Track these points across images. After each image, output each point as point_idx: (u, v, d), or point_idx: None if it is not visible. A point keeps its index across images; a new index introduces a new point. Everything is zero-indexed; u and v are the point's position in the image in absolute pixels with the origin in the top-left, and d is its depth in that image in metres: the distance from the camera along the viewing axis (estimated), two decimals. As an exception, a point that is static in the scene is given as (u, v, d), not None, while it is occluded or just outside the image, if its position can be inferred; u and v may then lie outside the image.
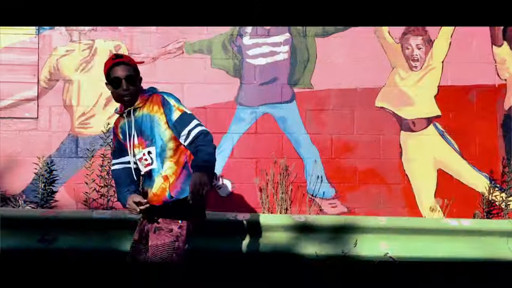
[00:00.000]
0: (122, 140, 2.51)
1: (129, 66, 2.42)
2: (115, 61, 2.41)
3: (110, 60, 2.44)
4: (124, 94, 2.40)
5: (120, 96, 2.42)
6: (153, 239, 2.38)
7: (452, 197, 4.14)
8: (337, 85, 4.22)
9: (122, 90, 2.39)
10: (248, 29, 4.23)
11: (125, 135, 2.48)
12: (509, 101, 4.28)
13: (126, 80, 2.38)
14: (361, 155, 4.18)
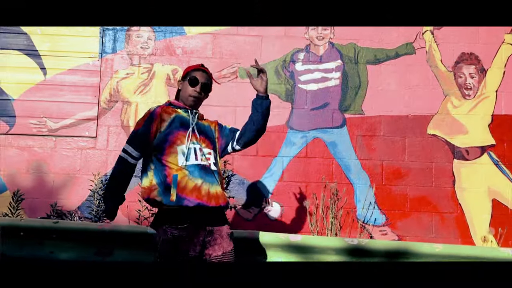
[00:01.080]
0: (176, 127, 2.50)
1: (208, 77, 2.66)
2: (201, 67, 2.66)
3: (197, 65, 2.68)
4: (193, 94, 2.56)
5: (187, 95, 2.58)
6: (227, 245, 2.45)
7: (505, 228, 4.03)
8: (388, 112, 4.23)
9: (193, 90, 2.56)
10: (300, 55, 4.33)
11: (186, 126, 2.52)
12: None
13: (202, 85, 2.59)
14: (412, 182, 4.14)
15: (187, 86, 2.58)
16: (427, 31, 4.35)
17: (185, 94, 2.59)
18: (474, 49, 4.29)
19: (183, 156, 2.43)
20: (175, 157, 2.43)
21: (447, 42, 4.31)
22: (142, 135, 2.49)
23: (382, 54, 4.33)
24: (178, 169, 2.40)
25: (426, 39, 4.34)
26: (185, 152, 2.43)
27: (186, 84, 2.59)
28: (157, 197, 2.40)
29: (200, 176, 2.42)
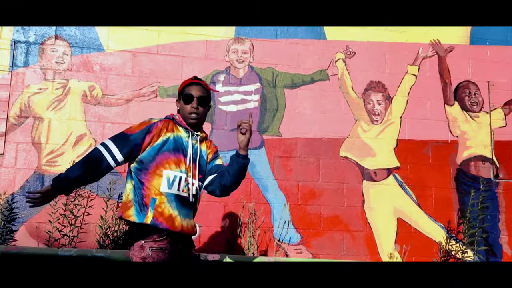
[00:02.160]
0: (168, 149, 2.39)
1: (204, 89, 2.52)
2: (193, 81, 2.53)
3: (189, 80, 2.55)
4: (191, 111, 2.46)
5: (186, 113, 2.47)
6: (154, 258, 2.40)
7: (409, 244, 4.33)
8: (304, 134, 4.42)
9: (191, 107, 2.46)
10: (221, 77, 4.42)
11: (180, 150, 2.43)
12: (461, 156, 4.61)
13: (198, 99, 2.46)
14: (326, 202, 4.33)
15: (183, 105, 2.49)
16: (339, 59, 4.62)
17: (184, 113, 2.48)
18: (382, 77, 4.63)
19: (166, 182, 2.35)
20: (158, 180, 2.35)
21: (358, 71, 4.61)
22: (132, 141, 2.36)
23: (298, 79, 4.53)
24: (158, 194, 2.33)
25: (338, 67, 4.61)
26: (171, 179, 2.35)
27: (182, 103, 2.49)
28: (131, 216, 2.33)
29: (177, 207, 2.37)
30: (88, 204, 3.94)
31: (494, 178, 4.60)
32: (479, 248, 4.33)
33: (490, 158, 4.63)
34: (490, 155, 4.64)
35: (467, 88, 4.73)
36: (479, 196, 4.38)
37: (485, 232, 4.45)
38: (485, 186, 4.47)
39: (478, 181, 4.53)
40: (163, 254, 2.31)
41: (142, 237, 2.32)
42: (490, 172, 4.61)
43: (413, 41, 4.73)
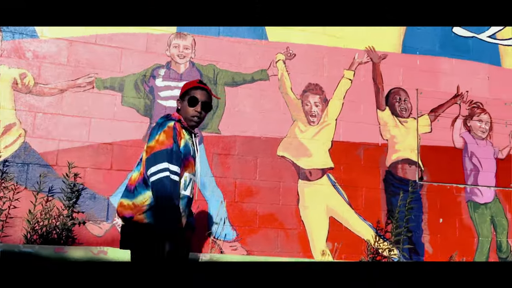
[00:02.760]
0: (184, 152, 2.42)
1: (208, 95, 2.57)
2: (199, 84, 2.57)
3: (195, 82, 2.59)
4: (194, 115, 2.50)
5: (189, 115, 2.50)
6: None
7: (340, 242, 4.50)
8: (243, 133, 4.46)
9: (194, 110, 2.50)
10: (161, 71, 4.36)
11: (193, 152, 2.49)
12: (390, 158, 4.85)
13: (202, 104, 2.52)
14: (262, 200, 4.39)
15: (186, 107, 2.51)
16: (280, 60, 4.71)
17: (186, 115, 2.51)
18: (319, 80, 4.77)
19: (183, 184, 2.40)
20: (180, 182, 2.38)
21: (297, 72, 4.72)
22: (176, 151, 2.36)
23: (239, 78, 4.57)
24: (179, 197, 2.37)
25: (278, 68, 4.69)
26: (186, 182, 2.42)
27: (186, 104, 2.51)
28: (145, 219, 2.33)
29: (183, 208, 2.42)
30: (14, 197, 3.76)
31: (419, 181, 4.88)
32: (404, 246, 4.59)
33: (416, 161, 4.91)
34: (416, 159, 4.92)
35: (398, 95, 4.99)
36: (406, 197, 4.63)
37: (410, 231, 4.72)
38: (412, 188, 4.74)
39: (405, 183, 4.80)
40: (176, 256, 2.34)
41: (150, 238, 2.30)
42: (416, 175, 4.89)
43: (349, 47, 4.91)
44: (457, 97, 5.15)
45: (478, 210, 5.03)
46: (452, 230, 4.90)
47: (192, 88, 2.55)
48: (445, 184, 4.96)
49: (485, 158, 5.16)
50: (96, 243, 3.90)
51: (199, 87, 2.56)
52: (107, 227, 4.01)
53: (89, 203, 4.00)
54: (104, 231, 4.00)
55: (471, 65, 5.26)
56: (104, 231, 4.00)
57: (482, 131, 5.20)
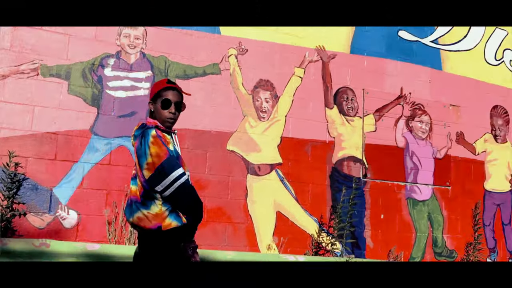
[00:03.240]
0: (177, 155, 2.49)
1: (179, 94, 2.54)
2: (168, 85, 2.52)
3: (164, 83, 2.52)
4: (169, 116, 2.49)
5: (164, 118, 2.49)
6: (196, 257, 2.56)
7: (286, 237, 4.59)
8: (194, 126, 4.45)
9: (169, 112, 2.48)
10: (110, 61, 4.26)
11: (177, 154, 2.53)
12: (336, 156, 4.99)
13: (175, 105, 2.49)
14: (211, 194, 4.40)
15: (160, 109, 2.48)
16: (232, 55, 4.72)
17: (161, 117, 2.49)
18: (270, 77, 4.83)
19: None
20: None
21: (249, 68, 4.75)
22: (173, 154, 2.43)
23: (191, 71, 4.54)
24: None
25: (230, 62, 4.71)
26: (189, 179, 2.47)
27: (159, 107, 2.48)
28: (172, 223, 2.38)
29: None
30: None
31: (363, 178, 5.06)
32: (347, 241, 4.74)
33: (360, 159, 5.08)
34: (361, 157, 5.09)
35: (346, 94, 5.13)
36: (350, 193, 4.79)
37: (353, 226, 4.88)
38: (356, 184, 4.91)
39: (349, 179, 4.95)
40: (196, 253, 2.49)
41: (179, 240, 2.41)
42: (360, 172, 5.06)
43: (301, 45, 5.00)
44: (400, 98, 5.36)
45: (416, 207, 5.27)
46: (392, 225, 5.11)
47: (162, 90, 2.52)
48: (387, 181, 5.17)
49: (425, 158, 5.41)
50: (37, 235, 3.77)
51: (169, 87, 2.53)
52: (49, 219, 3.89)
53: (31, 194, 3.85)
54: (46, 223, 3.87)
55: (415, 68, 5.49)
56: (46, 223, 3.87)
57: (422, 131, 5.44)
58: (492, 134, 5.83)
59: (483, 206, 5.61)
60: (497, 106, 5.90)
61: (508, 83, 5.99)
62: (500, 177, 5.78)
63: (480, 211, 5.53)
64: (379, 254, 4.98)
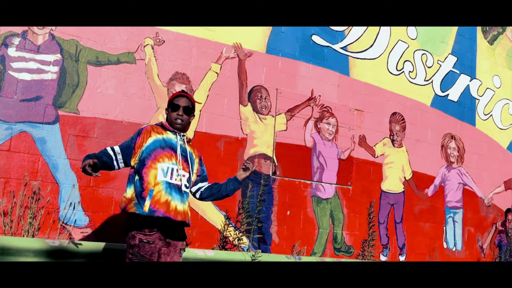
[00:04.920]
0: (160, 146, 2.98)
1: (190, 101, 3.17)
2: (182, 93, 3.20)
3: (178, 92, 3.23)
4: (177, 117, 3.08)
5: (173, 119, 3.09)
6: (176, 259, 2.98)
7: (195, 231, 4.60)
8: (104, 115, 4.29)
9: (177, 114, 3.09)
10: (15, 40, 3.97)
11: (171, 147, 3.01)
12: (248, 152, 5.08)
13: (183, 108, 3.11)
14: (119, 186, 4.27)
15: (171, 113, 3.11)
16: (148, 45, 4.61)
17: (170, 118, 3.10)
18: (187, 70, 4.79)
19: (161, 172, 2.90)
20: (154, 172, 2.90)
21: (165, 59, 4.68)
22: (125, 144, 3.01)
23: (104, 57, 4.37)
24: (156, 184, 2.88)
25: (146, 52, 4.60)
26: (165, 170, 2.92)
27: (170, 111, 3.11)
28: (133, 207, 2.87)
29: (171, 193, 2.92)
30: None
31: (272, 175, 5.21)
32: (254, 236, 4.86)
33: (271, 157, 5.22)
34: (271, 154, 5.23)
35: (260, 92, 5.24)
36: (259, 189, 4.90)
37: (260, 222, 5.01)
38: (265, 181, 5.04)
39: (259, 176, 5.07)
40: (149, 247, 2.83)
41: (136, 228, 2.85)
42: (270, 169, 5.20)
43: (219, 41, 5.02)
44: (311, 100, 5.59)
45: (320, 205, 5.53)
46: (297, 222, 5.33)
47: (175, 97, 3.15)
48: (295, 179, 5.37)
49: (330, 158, 5.70)
50: None
51: (181, 95, 3.17)
52: None
53: None
54: None
55: (325, 72, 5.75)
56: None
57: (329, 133, 5.72)
58: (390, 139, 6.28)
59: (379, 205, 6.03)
60: (396, 113, 6.36)
61: (406, 92, 6.48)
62: (395, 179, 6.24)
63: (374, 210, 5.94)
64: (283, 249, 5.16)
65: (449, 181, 6.75)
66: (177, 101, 3.11)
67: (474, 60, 7.28)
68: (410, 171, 6.36)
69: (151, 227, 2.85)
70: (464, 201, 6.86)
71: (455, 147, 6.90)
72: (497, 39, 7.62)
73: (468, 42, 7.22)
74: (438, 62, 6.82)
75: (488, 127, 7.35)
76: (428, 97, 6.68)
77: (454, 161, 6.86)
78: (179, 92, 3.20)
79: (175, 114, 3.08)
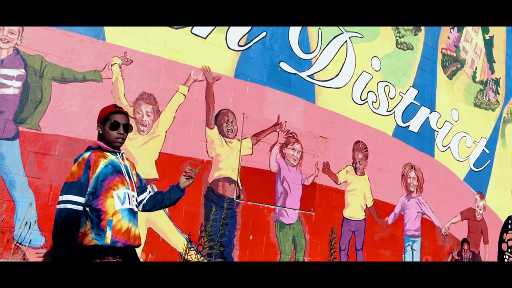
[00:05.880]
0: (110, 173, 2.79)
1: (127, 118, 2.95)
2: (116, 109, 2.93)
3: (112, 107, 2.94)
4: (117, 137, 2.88)
5: (113, 138, 2.87)
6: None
7: (155, 253, 4.51)
8: (67, 133, 4.20)
9: (117, 133, 2.87)
10: (-22, 53, 3.87)
11: (119, 171, 2.85)
12: (213, 175, 5.06)
13: (123, 127, 2.90)
14: (79, 205, 4.16)
15: (109, 131, 2.86)
16: (116, 64, 4.58)
17: (110, 138, 2.87)
18: (154, 91, 4.78)
19: (119, 200, 2.78)
20: (111, 201, 2.75)
21: (132, 79, 4.65)
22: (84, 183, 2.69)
23: (69, 75, 4.31)
24: (114, 213, 2.74)
25: (114, 71, 4.56)
26: (121, 197, 2.79)
27: (107, 129, 2.86)
28: (93, 240, 2.68)
29: (129, 219, 2.83)
30: None
31: (236, 199, 5.20)
32: (216, 260, 4.80)
33: (235, 180, 5.22)
34: (236, 178, 5.23)
35: (227, 116, 5.26)
36: (222, 213, 4.87)
37: (223, 246, 4.96)
38: (228, 205, 5.02)
39: (223, 199, 5.05)
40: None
41: (98, 258, 2.69)
42: (234, 193, 5.19)
43: (187, 63, 5.03)
44: (277, 125, 5.65)
45: (283, 230, 5.54)
46: (260, 246, 5.31)
47: (111, 113, 2.89)
48: (258, 204, 5.37)
49: (294, 184, 5.74)
50: None
51: (117, 111, 2.92)
52: None
53: None
54: None
55: (291, 98, 5.84)
56: None
57: (294, 159, 5.78)
58: (353, 167, 6.39)
59: (340, 232, 6.09)
60: (359, 141, 6.50)
61: (370, 121, 6.65)
62: (356, 206, 6.34)
63: (336, 236, 5.99)
64: (245, 274, 5.11)
65: (408, 210, 6.91)
66: (115, 118, 2.87)
67: (434, 94, 7.56)
68: (372, 199, 6.48)
69: (114, 254, 2.75)
70: (423, 230, 7.02)
71: (414, 177, 7.08)
72: (456, 74, 7.96)
73: (429, 76, 7.50)
74: (400, 94, 7.04)
75: (446, 159, 7.60)
76: (390, 127, 6.87)
77: (414, 191, 7.04)
78: (112, 107, 2.93)
79: (115, 133, 2.85)
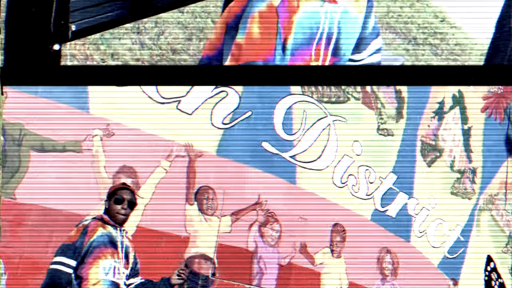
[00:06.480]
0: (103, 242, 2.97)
1: (133, 195, 3.21)
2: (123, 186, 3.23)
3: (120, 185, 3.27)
4: (120, 212, 3.09)
5: (116, 213, 3.09)
6: None
7: None
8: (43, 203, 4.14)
9: (121, 208, 3.10)
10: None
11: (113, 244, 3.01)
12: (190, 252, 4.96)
13: (128, 202, 3.13)
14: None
15: (113, 205, 3.11)
16: (97, 135, 4.61)
17: (113, 212, 3.10)
18: (135, 164, 4.78)
19: (103, 271, 2.91)
20: (96, 270, 2.89)
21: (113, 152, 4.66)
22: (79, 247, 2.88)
23: (49, 145, 4.31)
24: (96, 282, 2.88)
25: (95, 143, 4.58)
26: (106, 268, 2.92)
27: (112, 203, 3.11)
28: None
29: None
30: None
31: (211, 277, 5.05)
32: None
33: (212, 258, 5.10)
34: (213, 256, 5.11)
35: (207, 193, 5.24)
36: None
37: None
38: (202, 282, 4.88)
39: (197, 276, 4.92)
40: None
41: None
42: (210, 271, 5.05)
43: (170, 139, 5.09)
44: (257, 204, 5.62)
45: (258, 312, 5.34)
46: (234, 330, 5.08)
47: (117, 189, 3.18)
48: (233, 282, 5.21)
49: (270, 263, 5.62)
50: None
51: (124, 188, 3.22)
52: None
53: None
54: None
55: (273, 178, 5.86)
56: None
57: (272, 238, 5.70)
58: (330, 249, 6.31)
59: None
60: (337, 223, 6.47)
61: (348, 204, 6.66)
62: (333, 290, 6.18)
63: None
64: None
65: (385, 295, 6.76)
66: (120, 193, 3.14)
67: (412, 180, 7.68)
68: (347, 282, 6.34)
69: None
70: (399, 317, 6.83)
71: (390, 261, 7.00)
72: (435, 162, 8.15)
73: (408, 163, 7.66)
74: (380, 178, 7.14)
75: (422, 245, 7.57)
76: (368, 211, 6.89)
77: (389, 275, 6.93)
78: (121, 185, 3.27)
79: (118, 208, 3.09)
